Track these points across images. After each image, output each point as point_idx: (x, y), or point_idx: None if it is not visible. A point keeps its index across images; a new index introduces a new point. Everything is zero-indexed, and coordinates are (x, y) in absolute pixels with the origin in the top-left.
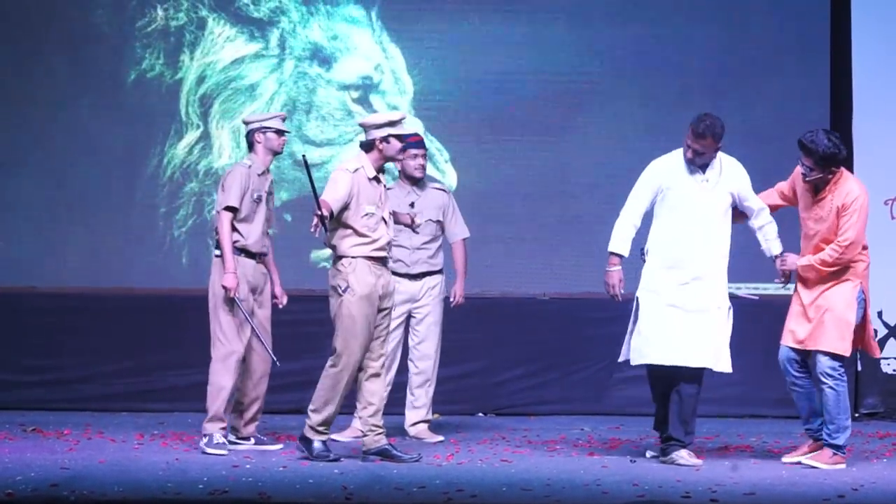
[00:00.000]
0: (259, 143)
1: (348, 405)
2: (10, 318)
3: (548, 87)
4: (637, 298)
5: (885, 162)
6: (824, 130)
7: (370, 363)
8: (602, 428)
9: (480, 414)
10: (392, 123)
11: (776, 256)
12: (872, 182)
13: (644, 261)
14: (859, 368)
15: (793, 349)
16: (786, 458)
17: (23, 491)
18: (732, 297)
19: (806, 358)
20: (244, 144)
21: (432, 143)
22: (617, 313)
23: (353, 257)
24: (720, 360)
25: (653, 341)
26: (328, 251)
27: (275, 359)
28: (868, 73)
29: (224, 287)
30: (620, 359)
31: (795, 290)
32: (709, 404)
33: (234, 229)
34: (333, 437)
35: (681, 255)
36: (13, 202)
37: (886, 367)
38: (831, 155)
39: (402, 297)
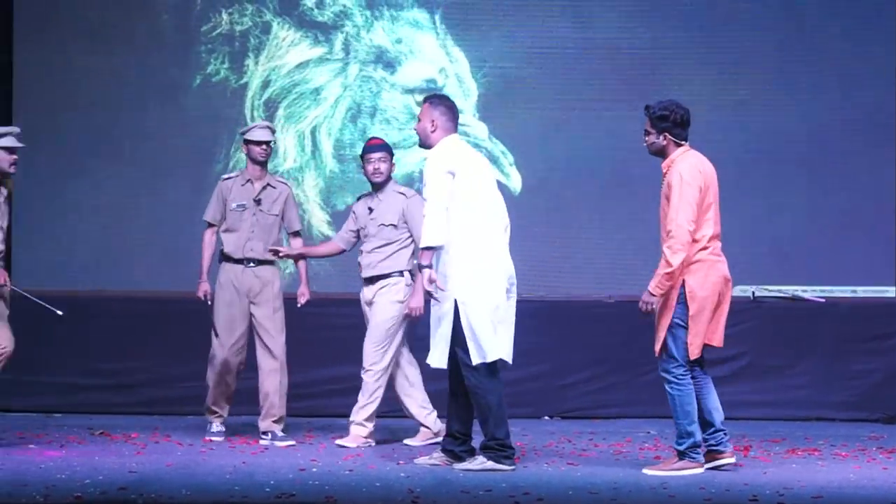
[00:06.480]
0: (245, 153)
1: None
2: (78, 322)
3: (616, 88)
4: None
5: None
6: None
7: None
8: (668, 431)
9: (546, 417)
10: None
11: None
12: None
13: None
14: None
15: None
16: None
17: (91, 494)
18: (798, 299)
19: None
20: (309, 148)
21: (496, 146)
22: None
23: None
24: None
25: None
26: None
27: None
28: None
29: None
30: None
31: None
32: (775, 407)
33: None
34: (406, 441)
35: None
36: (78, 206)
37: None
38: (661, 116)
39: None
